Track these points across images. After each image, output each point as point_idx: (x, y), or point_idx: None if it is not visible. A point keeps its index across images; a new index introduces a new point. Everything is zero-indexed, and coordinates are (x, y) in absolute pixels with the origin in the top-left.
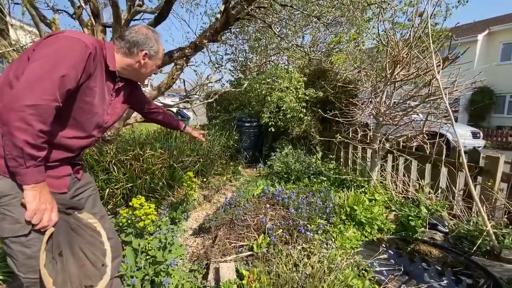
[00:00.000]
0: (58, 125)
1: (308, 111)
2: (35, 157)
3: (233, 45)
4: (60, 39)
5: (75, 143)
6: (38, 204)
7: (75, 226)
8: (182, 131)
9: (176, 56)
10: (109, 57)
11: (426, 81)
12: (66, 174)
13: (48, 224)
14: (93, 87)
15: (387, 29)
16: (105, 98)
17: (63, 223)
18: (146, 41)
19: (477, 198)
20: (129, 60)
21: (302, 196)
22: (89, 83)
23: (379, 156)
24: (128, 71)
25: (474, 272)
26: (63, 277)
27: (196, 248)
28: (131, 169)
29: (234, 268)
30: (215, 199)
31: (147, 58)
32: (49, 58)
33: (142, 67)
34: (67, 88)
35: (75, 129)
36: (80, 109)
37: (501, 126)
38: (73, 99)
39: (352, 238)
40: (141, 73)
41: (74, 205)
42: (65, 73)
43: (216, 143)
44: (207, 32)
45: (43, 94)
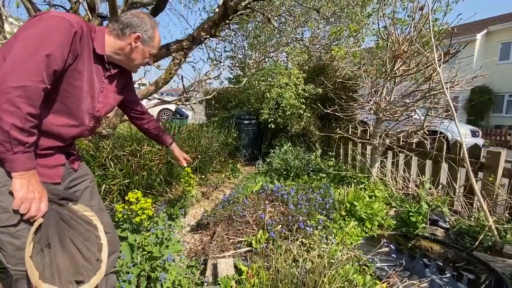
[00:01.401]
0: (48, 111)
1: (307, 107)
2: (23, 143)
3: (232, 41)
4: (45, 19)
5: (67, 131)
6: (25, 192)
7: (68, 218)
8: (167, 147)
9: (173, 49)
10: (98, 40)
11: (427, 76)
12: (59, 164)
13: (36, 214)
14: (82, 70)
15: (387, 24)
16: (94, 83)
17: (54, 214)
18: (140, 24)
19: (479, 193)
20: (121, 43)
21: (302, 192)
22: (77, 66)
23: (379, 152)
24: (120, 56)
25: (476, 267)
26: (51, 270)
27: (194, 245)
28: (128, 165)
29: (232, 264)
30: (214, 196)
31: (140, 42)
32: (33, 38)
33: (134, 52)
34: (53, 69)
35: (66, 116)
36: (69, 94)
37: (500, 125)
38: (61, 82)
39: (352, 234)
40: (132, 58)
41: (68, 196)
42: (49, 52)
43: (214, 140)
44: (205, 25)
45: (30, 75)
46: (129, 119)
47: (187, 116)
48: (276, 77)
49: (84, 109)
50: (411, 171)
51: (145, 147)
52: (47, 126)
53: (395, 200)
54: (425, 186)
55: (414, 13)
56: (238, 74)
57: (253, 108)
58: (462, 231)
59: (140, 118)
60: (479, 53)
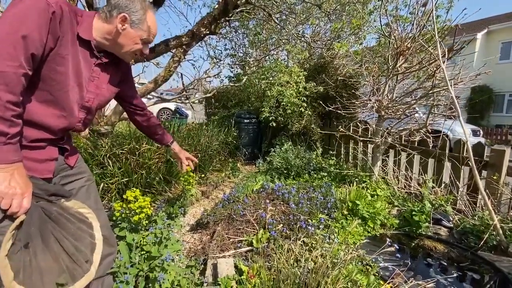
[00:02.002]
0: (33, 100)
1: (308, 106)
2: (4, 133)
3: (232, 39)
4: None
5: (55, 122)
6: (6, 187)
7: (57, 216)
8: (168, 146)
9: (172, 45)
10: (84, 24)
11: (430, 73)
12: (51, 158)
13: (18, 210)
14: (65, 55)
15: (390, 21)
16: (81, 71)
17: (38, 211)
18: (128, 4)
19: (484, 191)
20: (108, 26)
21: (303, 191)
22: (60, 50)
23: (381, 151)
24: (109, 42)
25: (481, 267)
26: (30, 271)
27: (193, 244)
28: (127, 164)
29: (232, 264)
30: (214, 195)
31: (127, 24)
32: (9, 19)
33: (122, 36)
34: (30, 52)
35: (53, 106)
36: (53, 81)
37: (500, 124)
38: (44, 68)
39: (354, 233)
40: (120, 43)
41: (58, 192)
42: (25, 33)
43: (214, 139)
44: (205, 20)
45: (6, 60)
46: (128, 115)
47: (187, 116)
48: (277, 75)
49: (71, 98)
50: (413, 170)
51: (144, 145)
52: (33, 116)
53: (398, 199)
54: (428, 185)
55: (417, 10)
56: (239, 72)
57: (253, 107)
58: (466, 230)
59: (140, 115)
60: (480, 52)
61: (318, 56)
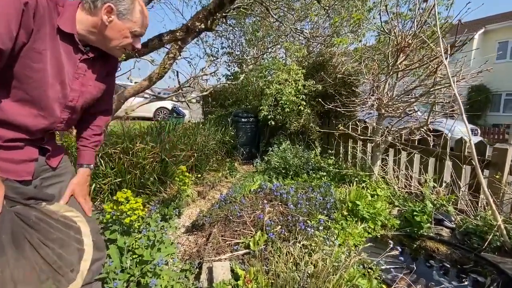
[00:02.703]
0: (8, 98)
1: (307, 104)
2: None
3: (229, 38)
4: None
5: (33, 123)
6: None
7: (36, 221)
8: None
9: (166, 40)
10: (66, 15)
11: (431, 70)
12: (29, 159)
13: None
14: (42, 50)
15: (390, 17)
16: (63, 67)
17: (11, 217)
18: None
19: (488, 191)
20: (93, 19)
21: (301, 191)
22: (35, 45)
23: (381, 150)
24: (95, 36)
25: (484, 269)
26: (1, 282)
27: (188, 247)
28: (120, 163)
29: (229, 268)
30: (210, 195)
31: (114, 16)
32: None
33: (109, 28)
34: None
35: (31, 106)
36: (30, 79)
37: (497, 124)
38: (17, 65)
39: (355, 234)
40: (108, 37)
41: (38, 195)
42: None
43: (211, 138)
44: (200, 14)
45: None
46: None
47: (184, 115)
48: (275, 73)
49: (51, 97)
50: (413, 169)
51: (138, 145)
52: (7, 115)
53: (398, 199)
54: (429, 184)
55: (419, 5)
56: (236, 71)
57: (251, 106)
58: (469, 231)
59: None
60: (476, 52)
61: (317, 54)
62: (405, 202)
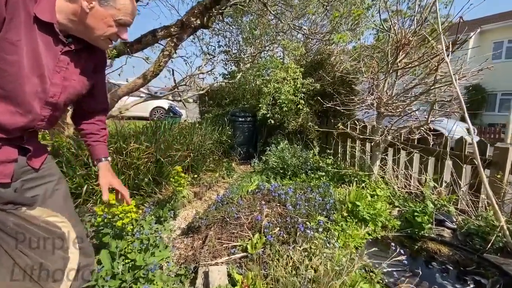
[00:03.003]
0: None
1: (305, 103)
2: None
3: (226, 36)
4: None
5: (10, 121)
6: None
7: (14, 228)
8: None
9: (160, 35)
10: (43, 2)
11: (432, 68)
12: (8, 160)
13: None
14: (16, 41)
15: (389, 15)
16: (41, 60)
17: None
18: None
19: (490, 191)
20: (73, 6)
21: (300, 192)
22: (8, 35)
23: (381, 149)
24: (77, 25)
25: (487, 270)
26: None
27: (184, 250)
28: (113, 164)
29: (225, 272)
30: (207, 196)
31: (95, 2)
32: None
33: (90, 16)
34: None
35: (6, 102)
36: (4, 72)
37: (493, 123)
38: None
39: (355, 236)
40: (90, 26)
41: (18, 200)
42: None
43: (208, 137)
44: (195, 9)
45: None
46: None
47: (181, 115)
48: (273, 71)
49: (28, 92)
50: (413, 169)
51: (132, 145)
52: None
53: (398, 199)
54: (429, 184)
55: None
56: (233, 70)
57: (248, 105)
58: (471, 231)
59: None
60: (472, 52)
61: (315, 53)
62: (405, 203)
